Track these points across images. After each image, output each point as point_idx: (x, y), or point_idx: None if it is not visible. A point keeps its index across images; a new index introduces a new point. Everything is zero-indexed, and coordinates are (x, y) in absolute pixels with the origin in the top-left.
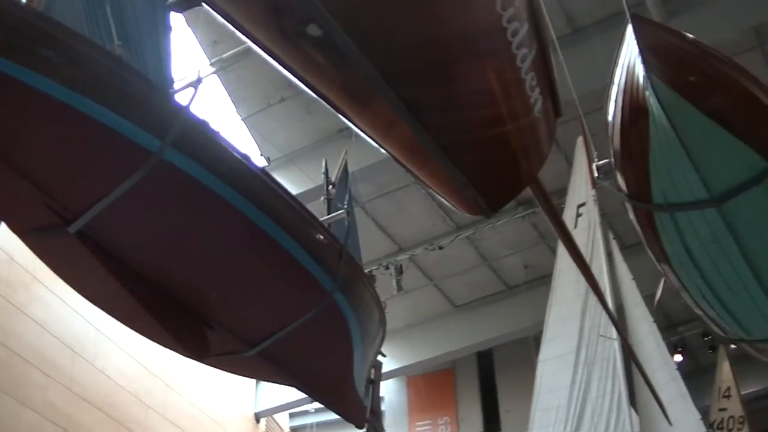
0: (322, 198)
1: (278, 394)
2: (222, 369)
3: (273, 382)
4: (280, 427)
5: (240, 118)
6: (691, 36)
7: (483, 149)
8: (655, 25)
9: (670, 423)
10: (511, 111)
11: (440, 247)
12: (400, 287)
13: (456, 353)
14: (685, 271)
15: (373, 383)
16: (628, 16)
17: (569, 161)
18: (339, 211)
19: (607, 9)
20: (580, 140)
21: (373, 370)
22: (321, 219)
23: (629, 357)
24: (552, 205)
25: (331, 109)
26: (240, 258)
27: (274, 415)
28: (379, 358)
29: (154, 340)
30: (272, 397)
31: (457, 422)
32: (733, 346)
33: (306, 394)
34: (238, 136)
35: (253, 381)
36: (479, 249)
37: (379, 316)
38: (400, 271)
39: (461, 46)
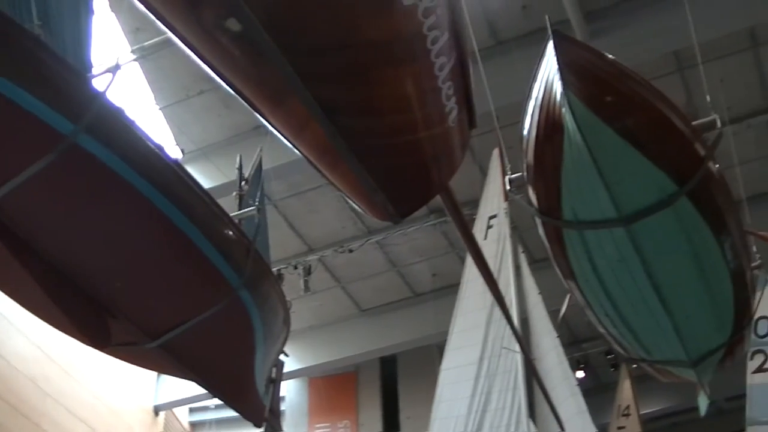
0: (234, 194)
1: (179, 387)
2: (122, 359)
3: (173, 375)
4: (179, 421)
5: (158, 107)
6: (611, 56)
7: (395, 155)
8: (576, 43)
9: None
10: (426, 119)
11: (350, 250)
12: (307, 288)
13: (359, 357)
14: (590, 289)
15: (274, 382)
16: (549, 32)
17: (484, 172)
18: (250, 208)
19: (531, 24)
20: (495, 152)
21: (274, 369)
22: (231, 215)
23: (530, 371)
24: (461, 215)
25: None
26: (147, 248)
27: (174, 409)
28: (282, 357)
29: (55, 326)
30: (172, 390)
31: (357, 426)
32: (634, 365)
33: (205, 389)
34: (155, 125)
35: (154, 373)
36: (389, 254)
37: (283, 316)
38: (308, 271)
39: (380, 51)
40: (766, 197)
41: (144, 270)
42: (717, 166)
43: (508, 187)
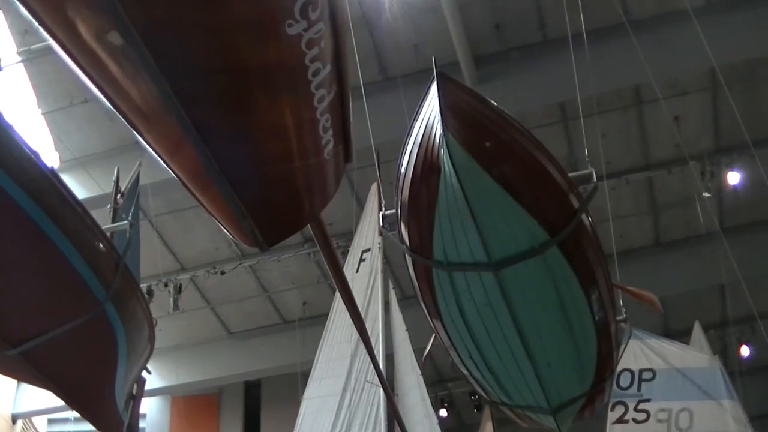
0: (108, 206)
1: (39, 397)
2: None
3: (32, 384)
4: (36, 431)
5: (40, 112)
6: (494, 103)
7: (266, 184)
8: (460, 86)
9: None
10: (301, 150)
11: (222, 272)
12: (177, 306)
13: (224, 380)
14: (455, 330)
15: (134, 399)
16: (435, 72)
17: (362, 206)
18: (122, 222)
19: (421, 64)
20: (374, 186)
21: (135, 386)
22: (103, 228)
23: (391, 407)
24: (330, 247)
25: None
26: (12, 254)
27: (33, 419)
28: (144, 374)
29: None
30: (32, 399)
31: None
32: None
33: (63, 401)
34: (35, 130)
35: (14, 380)
36: (261, 279)
37: (148, 333)
38: (179, 290)
39: (260, 78)
40: (637, 253)
41: (7, 276)
42: (590, 218)
43: (381, 224)
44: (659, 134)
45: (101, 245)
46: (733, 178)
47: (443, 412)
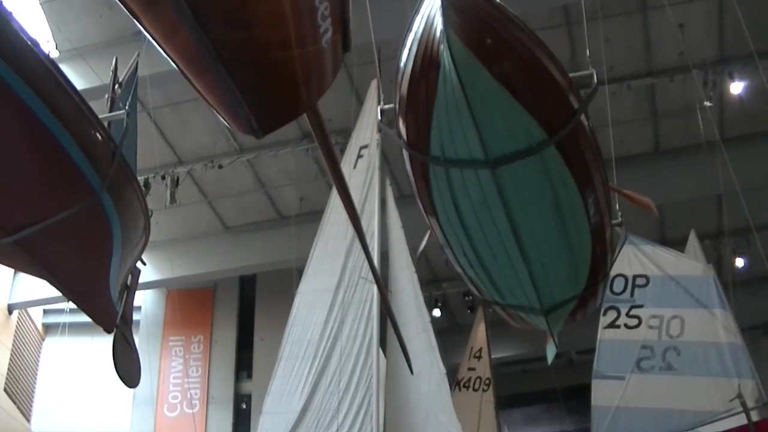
0: (106, 96)
1: (34, 287)
2: None
3: (27, 273)
4: (32, 322)
5: (38, 2)
6: (497, 1)
7: (263, 70)
8: None
9: (411, 372)
10: (298, 36)
11: (220, 166)
12: (173, 199)
13: (219, 274)
14: (450, 228)
15: (129, 290)
16: None
17: (362, 103)
18: (119, 111)
19: None
20: (374, 83)
21: (130, 277)
22: (100, 117)
23: (383, 303)
24: (326, 138)
25: None
26: (6, 141)
27: (28, 309)
28: (139, 265)
29: None
30: (28, 290)
31: (210, 343)
32: (490, 309)
33: (58, 290)
34: (33, 19)
35: (11, 271)
36: (258, 174)
37: (144, 224)
38: (176, 183)
39: None
40: (636, 159)
41: (1, 163)
42: (590, 121)
43: (379, 118)
44: (663, 41)
45: (97, 134)
46: (736, 88)
47: (436, 312)
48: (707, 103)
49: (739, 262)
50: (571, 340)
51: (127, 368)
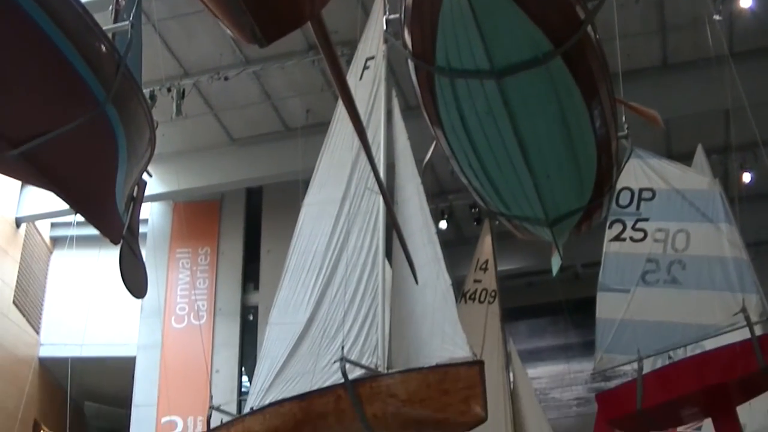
0: (110, 8)
1: (42, 200)
2: None
3: (34, 185)
4: (40, 235)
5: None
6: None
7: None
8: None
9: (417, 282)
10: None
11: (226, 78)
12: (179, 111)
13: (225, 186)
14: (456, 138)
15: (135, 201)
16: None
17: (368, 15)
18: (123, 22)
19: None
20: None
21: (136, 189)
22: (104, 28)
23: (389, 214)
24: (331, 47)
25: None
26: (10, 53)
27: (36, 222)
28: (145, 177)
29: None
30: (36, 203)
31: (217, 254)
32: (497, 222)
33: (65, 202)
34: None
35: (18, 184)
36: (265, 86)
37: (149, 135)
38: (182, 95)
39: None
40: (643, 73)
41: (6, 76)
42: (596, 33)
43: (384, 29)
44: None
45: (102, 46)
46: (746, 1)
47: (443, 224)
48: (716, 17)
49: (746, 177)
50: (576, 253)
51: (134, 279)
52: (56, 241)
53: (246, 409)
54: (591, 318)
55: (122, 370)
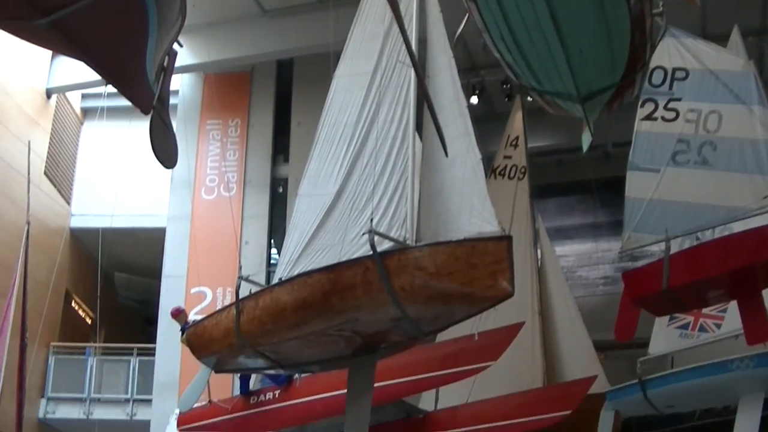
0: None
1: (73, 72)
2: (10, 33)
3: (64, 55)
4: (71, 106)
5: None
6: None
7: None
8: None
9: (446, 154)
10: None
11: None
12: None
13: (256, 58)
14: (489, 11)
15: (165, 72)
16: None
17: None
18: None
19: None
20: None
21: (166, 59)
22: None
23: (420, 87)
24: None
25: None
26: None
27: (67, 93)
28: (175, 47)
29: None
30: (66, 74)
31: (247, 126)
32: (529, 98)
33: (95, 71)
34: None
35: (48, 55)
36: None
37: (180, 5)
38: None
39: None
40: None
41: None
42: None
43: None
44: None
45: None
46: None
47: (474, 99)
48: None
49: None
50: (607, 133)
51: (165, 149)
52: (87, 113)
53: (274, 280)
54: (620, 197)
55: (152, 241)
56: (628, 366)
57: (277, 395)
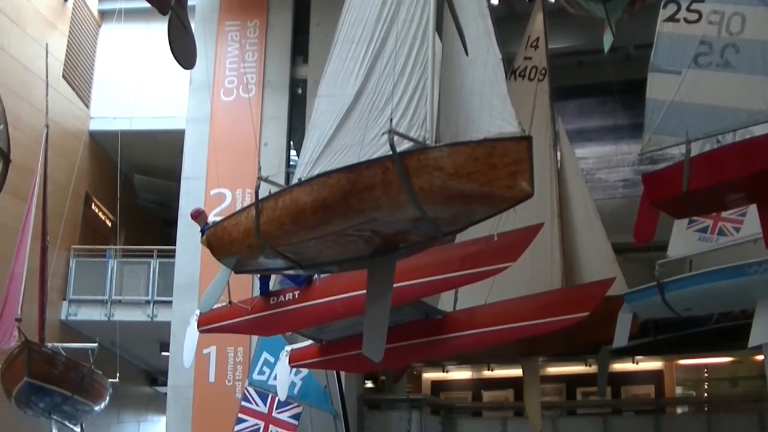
0: None
1: None
2: None
3: None
4: (88, 8)
5: None
6: None
7: None
8: None
9: (467, 53)
10: None
11: None
12: None
13: None
14: None
15: None
16: None
17: None
18: None
19: None
20: None
21: None
22: None
23: None
24: None
25: None
26: None
27: None
28: None
29: None
30: None
31: (266, 27)
32: None
33: None
34: None
35: None
36: None
37: None
38: None
39: None
40: None
41: None
42: None
43: None
44: None
45: None
46: None
47: (495, 0)
48: None
49: None
50: (628, 35)
51: (183, 49)
52: (104, 15)
53: (294, 181)
54: (640, 100)
55: (171, 142)
56: (647, 269)
57: (296, 296)
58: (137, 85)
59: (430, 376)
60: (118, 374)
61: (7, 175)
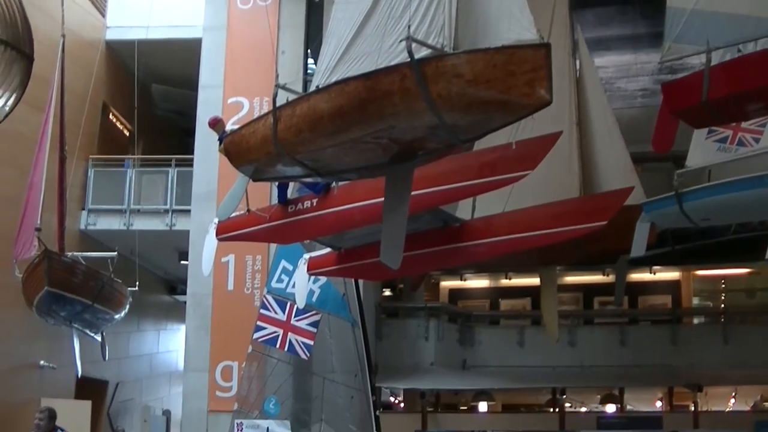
0: None
1: None
2: None
3: None
4: None
5: None
6: None
7: None
8: None
9: None
10: None
11: None
12: None
13: None
14: None
15: None
16: None
17: None
18: None
19: None
20: None
21: None
22: None
23: None
24: None
25: None
26: None
27: None
28: None
29: None
30: None
31: None
32: None
33: None
34: None
35: None
36: None
37: None
38: None
39: None
40: None
41: None
42: None
43: None
44: None
45: None
46: None
47: None
48: None
49: None
50: None
51: None
52: None
53: (311, 88)
54: (660, 8)
55: (188, 51)
56: (665, 179)
57: (314, 203)
58: None
59: (447, 284)
60: (137, 283)
61: (30, 75)
